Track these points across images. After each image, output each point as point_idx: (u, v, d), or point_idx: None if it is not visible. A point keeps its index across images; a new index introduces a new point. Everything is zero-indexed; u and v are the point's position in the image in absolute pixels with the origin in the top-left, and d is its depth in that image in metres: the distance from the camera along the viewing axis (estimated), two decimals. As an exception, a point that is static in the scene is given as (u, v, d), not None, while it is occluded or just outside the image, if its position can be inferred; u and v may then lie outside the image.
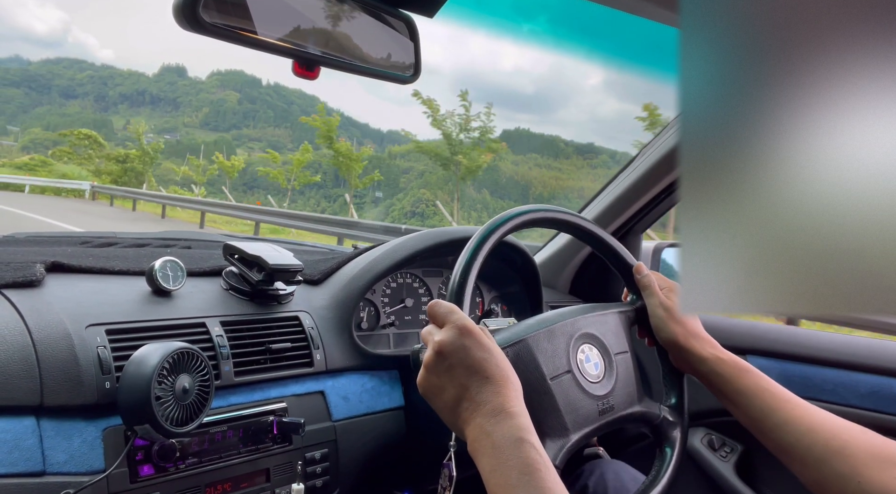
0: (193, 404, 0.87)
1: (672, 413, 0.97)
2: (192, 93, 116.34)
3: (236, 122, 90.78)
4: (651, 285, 0.98)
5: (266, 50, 0.70)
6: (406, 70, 0.84)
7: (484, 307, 1.54)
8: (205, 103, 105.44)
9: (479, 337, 0.74)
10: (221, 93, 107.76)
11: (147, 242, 1.45)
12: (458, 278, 0.84)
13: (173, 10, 0.63)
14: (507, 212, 0.93)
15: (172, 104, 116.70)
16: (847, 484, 0.74)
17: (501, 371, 0.72)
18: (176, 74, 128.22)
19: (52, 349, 0.85)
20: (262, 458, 1.01)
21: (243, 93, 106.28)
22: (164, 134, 75.08)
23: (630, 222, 1.59)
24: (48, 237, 1.43)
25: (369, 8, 0.78)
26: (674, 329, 0.93)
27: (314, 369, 1.12)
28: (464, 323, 0.75)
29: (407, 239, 1.34)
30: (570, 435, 0.85)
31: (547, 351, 0.87)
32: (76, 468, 0.81)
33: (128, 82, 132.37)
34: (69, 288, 0.97)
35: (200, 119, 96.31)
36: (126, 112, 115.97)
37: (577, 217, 1.00)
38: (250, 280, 1.10)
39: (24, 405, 0.81)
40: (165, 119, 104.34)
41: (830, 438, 0.78)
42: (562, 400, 0.85)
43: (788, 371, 1.30)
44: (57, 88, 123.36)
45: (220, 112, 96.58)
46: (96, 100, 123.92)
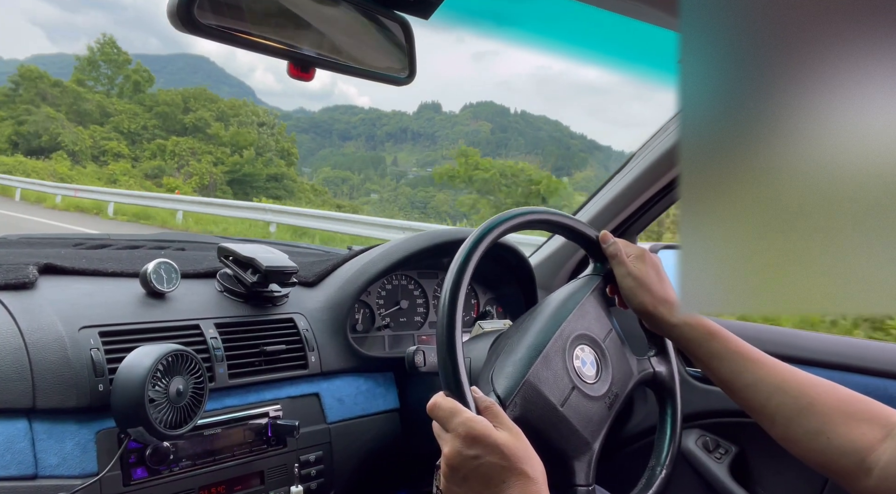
0: (187, 406, 0.86)
1: (659, 361, 1.00)
2: (447, 127, 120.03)
3: (489, 152, 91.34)
4: (619, 253, 0.97)
5: (261, 51, 0.70)
6: (401, 72, 0.83)
7: (479, 308, 1.54)
8: (460, 135, 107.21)
9: (486, 439, 0.72)
10: (475, 124, 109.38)
11: (140, 244, 1.44)
12: (452, 282, 0.84)
13: (168, 11, 0.63)
14: (500, 214, 0.93)
15: (431, 138, 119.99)
16: (816, 440, 0.76)
17: (517, 469, 0.70)
18: (433, 111, 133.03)
19: (45, 351, 0.84)
20: (256, 461, 1.00)
21: (494, 122, 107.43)
22: (426, 167, 75.20)
23: (625, 224, 1.59)
24: (41, 238, 1.42)
25: (364, 9, 0.78)
26: (642, 297, 0.93)
27: (309, 371, 1.11)
28: (466, 429, 0.73)
29: (402, 240, 1.34)
30: (592, 447, 0.87)
31: (549, 380, 0.87)
32: (69, 471, 0.80)
33: (392, 122, 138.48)
34: (62, 290, 0.96)
35: (456, 151, 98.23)
36: (391, 149, 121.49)
37: (570, 219, 1.00)
38: (245, 281, 1.09)
39: (16, 407, 0.80)
40: (426, 153, 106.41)
41: (799, 395, 0.79)
42: (576, 419, 0.86)
43: None
44: (336, 132, 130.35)
45: (474, 143, 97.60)
46: (367, 140, 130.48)
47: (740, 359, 0.85)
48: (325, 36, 0.75)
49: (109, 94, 41.15)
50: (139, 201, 13.99)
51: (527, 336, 0.93)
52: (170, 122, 40.01)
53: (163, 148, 34.67)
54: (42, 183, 17.75)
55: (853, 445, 0.73)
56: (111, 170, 30.35)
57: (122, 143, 36.06)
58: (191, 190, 28.17)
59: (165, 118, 40.11)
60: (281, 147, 39.99)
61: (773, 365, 0.84)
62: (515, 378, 0.86)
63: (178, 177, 31.17)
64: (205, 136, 38.71)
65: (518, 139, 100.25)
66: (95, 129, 36.06)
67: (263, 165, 36.51)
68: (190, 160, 33.71)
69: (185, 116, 39.98)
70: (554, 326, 0.93)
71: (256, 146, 37.53)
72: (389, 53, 0.82)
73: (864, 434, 0.74)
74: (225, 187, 34.09)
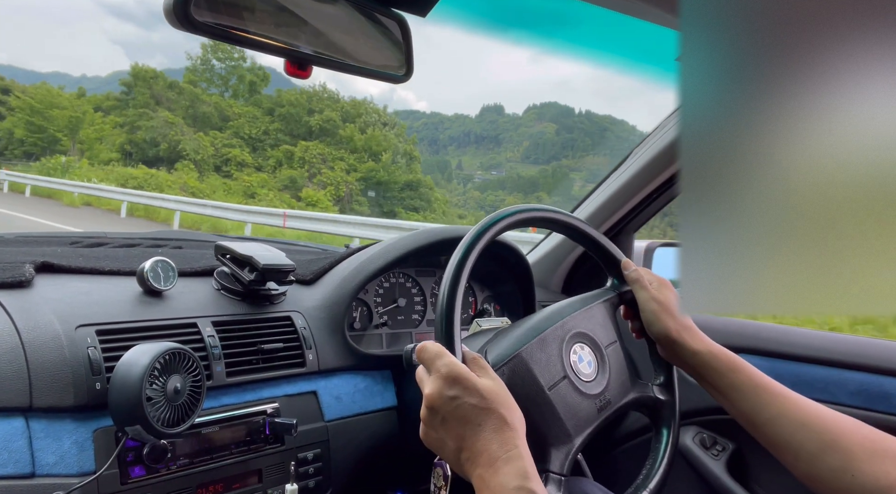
0: (185, 405, 0.86)
1: (663, 391, 0.98)
2: (511, 129, 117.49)
3: (555, 153, 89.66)
4: (640, 279, 0.98)
5: (258, 49, 0.70)
6: (398, 69, 0.83)
7: (477, 306, 1.54)
8: (524, 137, 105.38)
9: (466, 382, 0.72)
10: (539, 125, 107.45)
11: (137, 242, 1.44)
12: (450, 279, 0.84)
13: (164, 9, 0.63)
14: (498, 211, 0.93)
15: (494, 141, 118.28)
16: (841, 478, 0.74)
17: (495, 413, 0.71)
18: (495, 113, 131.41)
19: (42, 350, 0.84)
20: (254, 459, 1.00)
21: (560, 123, 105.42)
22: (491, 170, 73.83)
23: (622, 221, 1.59)
24: (38, 237, 1.42)
25: (362, 7, 0.78)
26: (666, 322, 0.92)
27: (306, 369, 1.11)
28: (449, 370, 0.73)
29: (400, 238, 1.34)
30: (573, 441, 0.86)
31: (541, 361, 0.87)
32: (66, 469, 0.80)
33: (454, 125, 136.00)
34: (59, 289, 0.96)
35: (521, 153, 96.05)
36: (454, 152, 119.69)
37: (568, 216, 1.00)
38: (242, 280, 1.09)
39: (13, 406, 0.80)
40: (490, 156, 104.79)
41: (823, 431, 0.77)
42: (561, 407, 0.85)
43: (779, 369, 1.31)
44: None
45: (539, 144, 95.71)
46: (430, 144, 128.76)
47: (763, 393, 0.83)
48: (322, 34, 0.75)
49: (223, 96, 36.60)
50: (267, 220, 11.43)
51: (527, 321, 0.94)
52: (293, 125, 34.64)
53: (290, 154, 30.45)
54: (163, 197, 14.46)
55: (878, 483, 0.72)
56: (247, 181, 26.54)
57: (245, 150, 31.76)
58: (330, 203, 24.64)
59: (289, 120, 34.75)
60: (406, 150, 34.77)
61: (796, 400, 0.82)
62: (508, 350, 0.87)
63: (311, 187, 27.47)
64: (333, 140, 33.46)
65: (584, 139, 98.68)
66: (216, 135, 31.83)
67: (398, 172, 32.32)
68: (321, 167, 29.54)
69: (310, 118, 34.58)
70: (557, 317, 0.93)
71: (394, 150, 32.88)
72: (387, 51, 0.82)
73: (888, 472, 0.72)
74: (361, 198, 29.94)
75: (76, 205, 16.89)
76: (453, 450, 0.71)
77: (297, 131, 34.33)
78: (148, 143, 30.21)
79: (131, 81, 34.91)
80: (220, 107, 34.48)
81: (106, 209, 16.22)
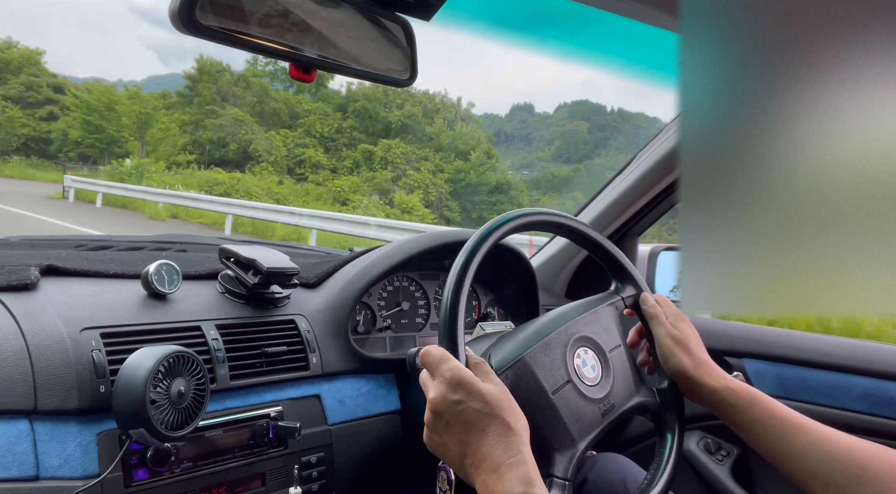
0: (188, 408, 0.86)
1: (667, 395, 0.98)
2: (542, 128, 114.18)
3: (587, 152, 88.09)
4: (658, 315, 0.97)
5: (263, 53, 0.70)
6: (402, 73, 0.84)
7: (480, 310, 1.53)
8: (555, 136, 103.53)
9: (470, 386, 0.72)
10: (571, 124, 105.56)
11: (142, 245, 1.44)
12: (454, 283, 0.84)
13: (170, 13, 0.63)
14: (502, 215, 0.93)
15: (525, 140, 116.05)
16: None
17: (499, 418, 0.70)
18: (525, 112, 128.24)
19: (47, 352, 0.84)
20: (257, 462, 1.00)
21: (592, 121, 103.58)
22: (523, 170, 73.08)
23: (627, 225, 1.59)
24: (43, 240, 1.42)
25: (365, 11, 0.78)
26: (682, 359, 0.91)
27: (310, 372, 1.11)
28: (452, 374, 0.73)
29: (403, 242, 1.34)
30: (577, 445, 0.85)
31: (545, 365, 0.86)
32: (70, 472, 0.80)
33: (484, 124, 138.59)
34: (64, 292, 0.96)
35: (552, 152, 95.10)
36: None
37: (572, 220, 1.00)
38: (246, 283, 1.09)
39: (17, 409, 0.80)
40: (521, 155, 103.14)
41: (850, 461, 0.76)
42: (565, 411, 0.85)
43: (785, 374, 1.30)
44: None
45: (571, 143, 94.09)
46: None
47: (785, 427, 0.82)
48: (326, 37, 0.76)
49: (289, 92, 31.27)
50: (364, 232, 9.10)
51: (531, 326, 0.94)
52: (369, 122, 29.93)
53: (369, 154, 26.22)
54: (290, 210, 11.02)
55: None
56: (338, 185, 22.81)
57: (319, 151, 27.61)
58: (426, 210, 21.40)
59: (363, 116, 29.95)
60: (486, 148, 29.90)
61: (821, 431, 0.80)
62: (512, 354, 0.87)
63: (399, 191, 23.42)
64: (415, 137, 29.06)
65: (617, 137, 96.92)
66: (287, 134, 27.73)
67: (488, 173, 28.08)
68: (406, 168, 25.46)
69: (388, 113, 29.99)
70: (560, 321, 0.93)
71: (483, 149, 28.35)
72: (391, 55, 0.82)
73: None
74: (451, 202, 26.19)
75: (162, 218, 13.99)
76: (457, 455, 0.71)
77: (374, 128, 29.81)
78: (215, 144, 26.82)
79: (196, 75, 31.08)
80: (289, 103, 30.26)
81: (198, 222, 13.40)
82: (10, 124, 32.50)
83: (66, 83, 37.42)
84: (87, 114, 30.84)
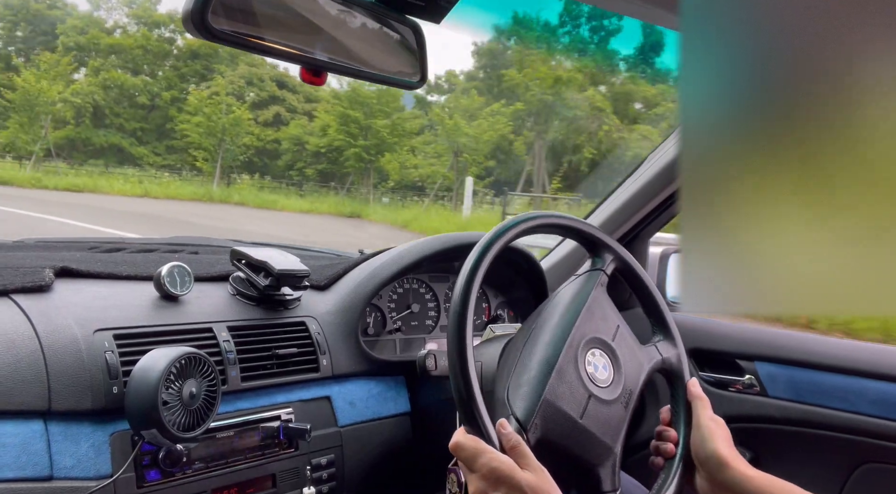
0: (200, 409, 0.87)
1: (666, 346, 0.99)
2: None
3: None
4: (705, 399, 0.95)
5: (274, 56, 0.71)
6: (413, 76, 0.84)
7: (490, 312, 1.53)
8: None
9: (510, 479, 0.73)
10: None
11: (154, 247, 1.45)
12: (463, 285, 0.84)
13: (182, 17, 0.63)
14: (512, 218, 0.93)
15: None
16: None
17: None
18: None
19: (60, 353, 0.85)
20: (268, 463, 1.01)
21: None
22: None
23: (637, 228, 1.58)
24: (57, 242, 1.44)
25: (376, 14, 0.79)
26: (719, 443, 0.88)
27: (320, 374, 1.12)
28: (490, 469, 0.74)
29: (413, 244, 1.34)
30: (614, 450, 0.87)
31: (565, 395, 0.86)
32: (83, 473, 0.81)
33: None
34: (77, 293, 0.97)
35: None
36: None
37: (581, 223, 1.00)
38: (257, 285, 1.10)
39: (32, 409, 0.81)
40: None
41: None
42: (595, 427, 0.86)
43: (797, 377, 1.29)
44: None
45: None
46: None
47: None
48: (337, 41, 0.76)
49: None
50: None
51: (537, 347, 0.92)
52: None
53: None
54: None
55: None
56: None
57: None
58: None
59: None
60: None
61: None
62: (532, 398, 0.86)
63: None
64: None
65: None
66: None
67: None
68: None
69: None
70: (563, 335, 0.91)
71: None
72: (401, 58, 0.83)
73: None
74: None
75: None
76: None
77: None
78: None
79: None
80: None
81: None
82: (234, 130, 22.60)
83: (287, 76, 26.25)
84: (348, 108, 20.22)
